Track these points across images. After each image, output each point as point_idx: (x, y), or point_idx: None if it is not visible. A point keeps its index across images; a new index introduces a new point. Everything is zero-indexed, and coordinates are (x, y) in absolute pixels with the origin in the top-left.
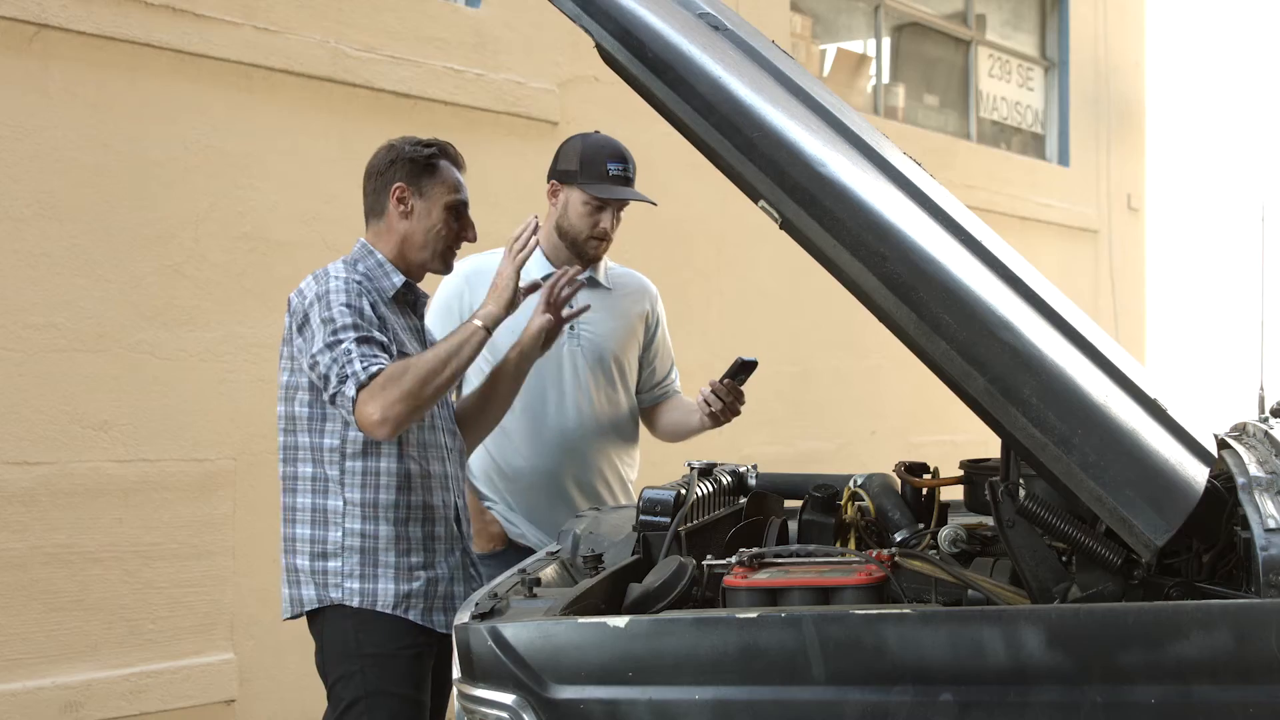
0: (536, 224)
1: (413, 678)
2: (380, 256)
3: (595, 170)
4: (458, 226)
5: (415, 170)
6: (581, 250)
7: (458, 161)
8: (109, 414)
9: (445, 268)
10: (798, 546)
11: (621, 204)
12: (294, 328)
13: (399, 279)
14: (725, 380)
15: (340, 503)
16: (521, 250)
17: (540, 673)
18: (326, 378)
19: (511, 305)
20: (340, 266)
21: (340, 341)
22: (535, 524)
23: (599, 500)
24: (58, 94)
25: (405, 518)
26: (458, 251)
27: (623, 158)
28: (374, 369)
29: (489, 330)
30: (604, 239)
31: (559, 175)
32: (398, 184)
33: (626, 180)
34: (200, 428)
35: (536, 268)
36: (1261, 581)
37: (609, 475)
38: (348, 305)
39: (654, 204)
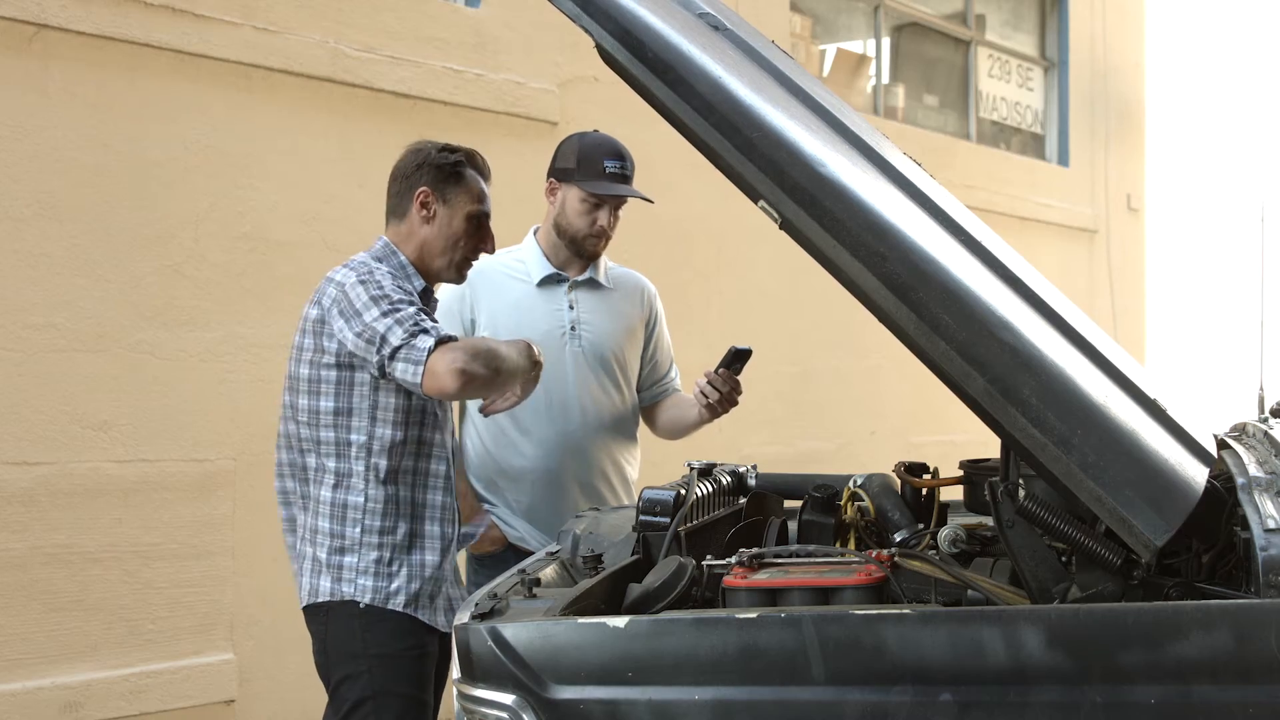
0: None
1: (418, 678)
2: (403, 258)
3: (592, 168)
4: (477, 237)
5: (441, 176)
6: (580, 248)
7: (484, 171)
8: (109, 414)
9: (459, 278)
10: (798, 546)
11: (619, 201)
12: (330, 311)
13: (419, 283)
14: (721, 370)
15: (361, 499)
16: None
17: (540, 673)
18: (384, 338)
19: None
20: (370, 260)
21: (399, 309)
22: (536, 524)
23: (601, 499)
24: (58, 94)
25: (423, 515)
26: (475, 262)
27: (620, 155)
28: (450, 335)
29: (531, 365)
30: (602, 236)
31: (557, 173)
32: (422, 188)
33: (624, 178)
34: (200, 428)
35: (537, 268)
36: (1261, 581)
37: (611, 474)
38: (399, 286)
39: (651, 201)
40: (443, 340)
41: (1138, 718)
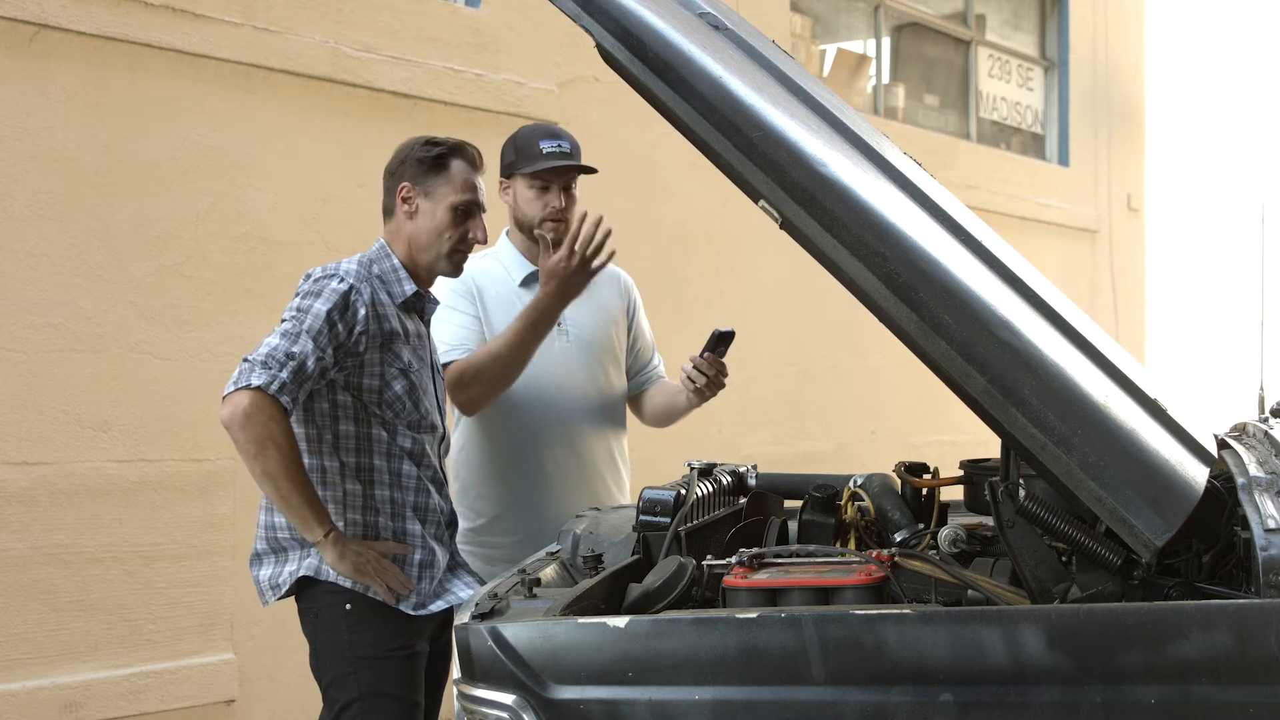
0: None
1: (406, 679)
2: (395, 261)
3: (530, 152)
4: (465, 228)
5: (422, 170)
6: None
7: (473, 161)
8: (109, 414)
9: (454, 270)
10: (798, 546)
11: (566, 180)
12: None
13: (410, 287)
14: (706, 354)
15: (340, 494)
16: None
17: (540, 673)
18: (249, 359)
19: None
20: (354, 268)
21: (287, 337)
22: (543, 522)
23: (599, 495)
24: (58, 94)
25: (403, 515)
26: (469, 253)
27: (555, 135)
28: (281, 400)
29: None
30: (558, 219)
31: (503, 171)
32: (404, 184)
33: (564, 156)
34: (200, 428)
35: (516, 268)
36: (1261, 581)
37: (605, 470)
38: (333, 314)
39: (594, 170)
40: (259, 389)
41: (1138, 718)
